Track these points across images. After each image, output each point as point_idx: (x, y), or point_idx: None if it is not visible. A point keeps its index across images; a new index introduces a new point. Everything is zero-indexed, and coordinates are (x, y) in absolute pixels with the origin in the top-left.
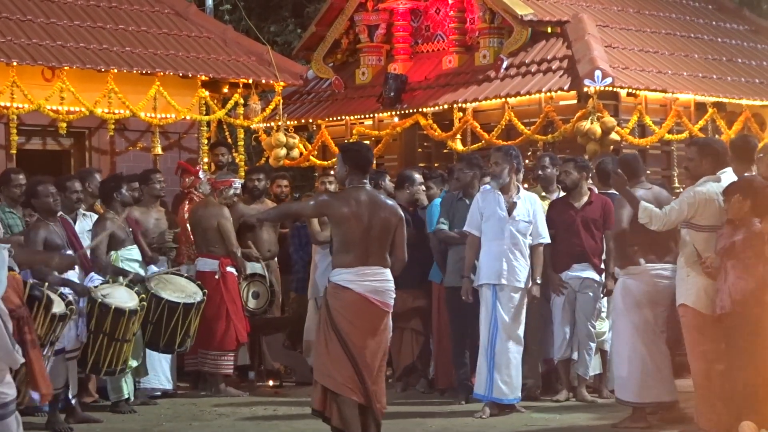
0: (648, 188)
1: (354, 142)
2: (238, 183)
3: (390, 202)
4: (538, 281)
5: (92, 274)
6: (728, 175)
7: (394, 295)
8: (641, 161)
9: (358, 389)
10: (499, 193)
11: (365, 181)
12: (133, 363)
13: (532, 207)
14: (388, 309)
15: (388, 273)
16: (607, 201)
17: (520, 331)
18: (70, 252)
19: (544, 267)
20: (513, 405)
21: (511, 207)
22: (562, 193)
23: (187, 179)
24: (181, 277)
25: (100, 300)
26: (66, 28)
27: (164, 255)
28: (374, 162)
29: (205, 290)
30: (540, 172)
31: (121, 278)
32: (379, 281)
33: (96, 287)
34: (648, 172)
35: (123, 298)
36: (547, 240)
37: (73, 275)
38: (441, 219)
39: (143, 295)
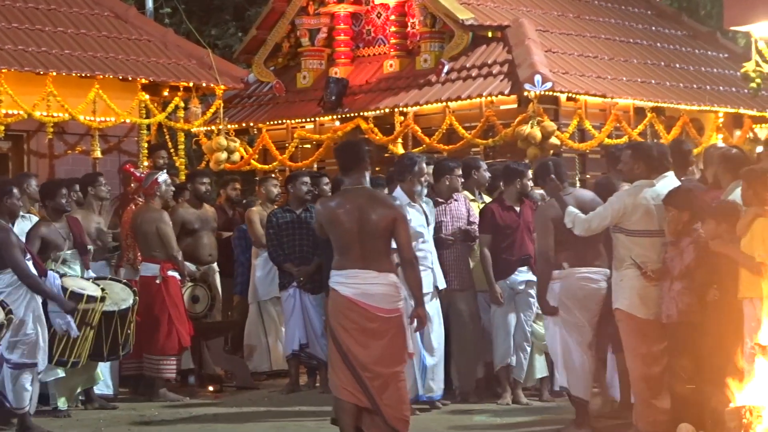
0: (568, 193)
1: (345, 141)
2: (162, 175)
3: (387, 200)
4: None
5: (50, 272)
6: (669, 180)
7: (397, 300)
8: (564, 167)
9: (359, 393)
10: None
11: (362, 180)
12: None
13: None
14: (386, 314)
15: (386, 277)
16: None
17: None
18: None
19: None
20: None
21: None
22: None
23: (132, 184)
24: (117, 282)
25: (71, 289)
26: (4, 31)
27: (105, 259)
28: (362, 158)
29: (137, 296)
30: (474, 174)
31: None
32: (371, 284)
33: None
34: (588, 176)
35: (86, 287)
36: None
37: None
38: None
39: (102, 286)
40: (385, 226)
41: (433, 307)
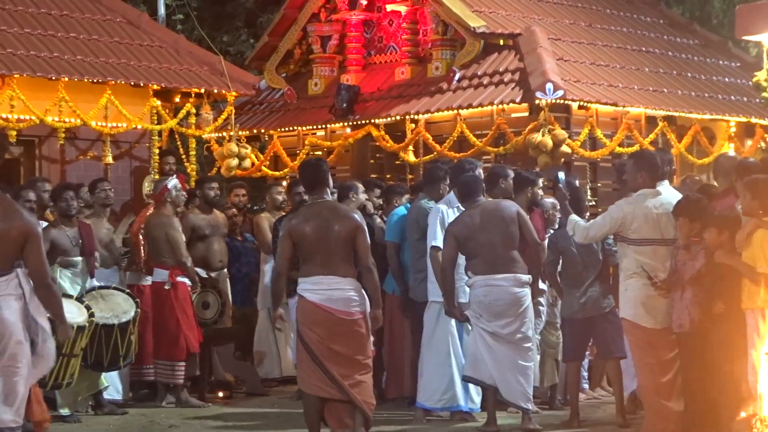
0: (476, 206)
1: (305, 161)
2: (171, 181)
3: (348, 212)
4: None
5: None
6: (664, 188)
7: (359, 303)
8: (481, 183)
9: (330, 388)
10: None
11: (324, 195)
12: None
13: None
14: (350, 317)
15: (348, 282)
16: None
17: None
18: None
19: None
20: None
21: None
22: None
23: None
24: (120, 291)
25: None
26: (17, 36)
27: (116, 263)
28: (323, 176)
29: (139, 308)
30: (502, 183)
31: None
32: (335, 290)
33: None
34: (599, 184)
35: (72, 313)
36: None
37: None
38: None
39: (93, 310)
40: (346, 235)
41: None
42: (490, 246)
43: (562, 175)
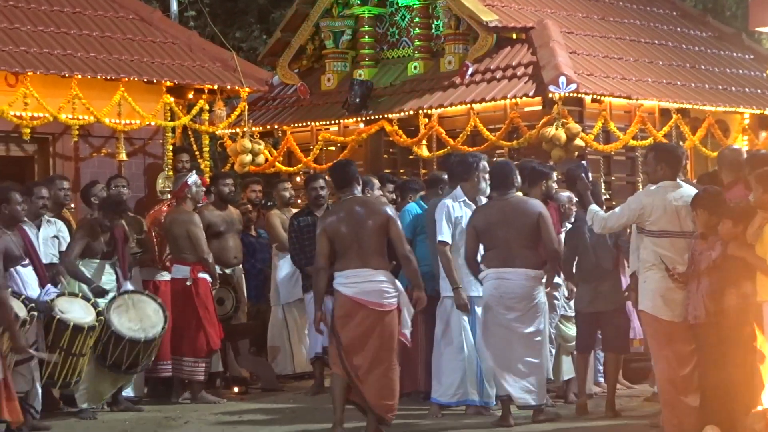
0: (503, 199)
1: (337, 162)
2: (191, 177)
3: (379, 205)
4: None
5: (48, 286)
6: (681, 181)
7: (392, 295)
8: (515, 174)
9: (351, 383)
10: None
11: (354, 192)
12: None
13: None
14: (382, 308)
15: (381, 274)
16: None
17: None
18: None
19: None
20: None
21: None
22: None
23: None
24: (151, 300)
25: (58, 317)
26: (30, 34)
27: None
28: (352, 174)
29: (166, 323)
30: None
31: (79, 288)
32: (367, 282)
33: (52, 300)
34: (612, 178)
35: (80, 313)
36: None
37: (33, 285)
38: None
39: (100, 308)
40: (378, 227)
41: None
42: (505, 241)
43: (585, 163)
